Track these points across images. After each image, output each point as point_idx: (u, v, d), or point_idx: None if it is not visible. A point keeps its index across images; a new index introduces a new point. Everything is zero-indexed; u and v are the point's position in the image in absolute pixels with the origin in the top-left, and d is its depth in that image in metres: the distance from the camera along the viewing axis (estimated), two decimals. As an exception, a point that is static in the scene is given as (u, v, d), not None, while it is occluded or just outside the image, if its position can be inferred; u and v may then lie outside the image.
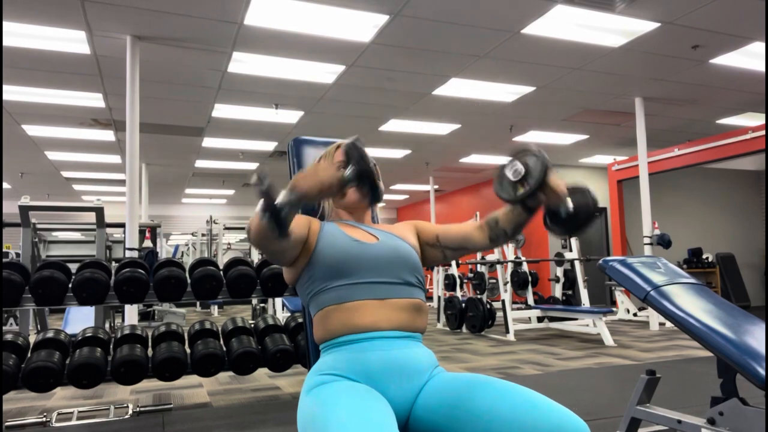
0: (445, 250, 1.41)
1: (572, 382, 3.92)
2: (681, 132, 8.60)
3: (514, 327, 6.29)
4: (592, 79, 6.22)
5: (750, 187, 10.70)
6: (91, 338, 3.17)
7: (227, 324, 3.54)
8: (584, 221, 1.20)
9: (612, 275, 2.03)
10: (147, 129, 7.15)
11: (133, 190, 5.08)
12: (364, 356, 1.16)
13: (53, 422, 2.99)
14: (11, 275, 2.88)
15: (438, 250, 1.41)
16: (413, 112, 7.28)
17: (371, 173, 1.14)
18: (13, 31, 4.65)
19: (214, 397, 3.62)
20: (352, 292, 1.21)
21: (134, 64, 5.02)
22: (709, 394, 1.77)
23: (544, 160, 1.17)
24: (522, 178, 1.17)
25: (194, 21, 4.60)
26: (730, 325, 1.69)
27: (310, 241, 1.28)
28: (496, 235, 1.37)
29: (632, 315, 7.85)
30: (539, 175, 1.15)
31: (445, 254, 1.42)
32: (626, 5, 4.51)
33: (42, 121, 7.23)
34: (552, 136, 8.77)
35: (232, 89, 6.24)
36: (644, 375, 1.95)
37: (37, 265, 3.30)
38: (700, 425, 1.73)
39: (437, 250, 1.41)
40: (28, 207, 4.44)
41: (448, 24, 4.76)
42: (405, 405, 1.16)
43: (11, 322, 7.52)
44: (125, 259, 3.42)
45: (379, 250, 1.27)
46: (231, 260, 3.34)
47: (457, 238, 1.40)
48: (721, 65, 5.87)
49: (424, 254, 1.41)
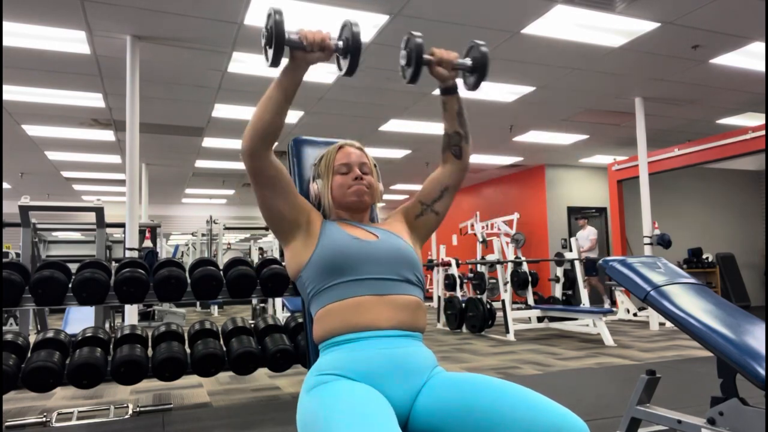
0: (434, 206, 1.42)
1: (572, 382, 3.92)
2: (681, 132, 8.60)
3: (514, 327, 6.29)
4: (592, 79, 6.22)
5: (750, 187, 10.69)
6: (91, 338, 3.17)
7: (227, 324, 3.54)
8: (484, 66, 1.34)
9: (612, 275, 2.04)
10: (147, 129, 7.15)
11: (133, 190, 5.08)
12: (364, 355, 1.16)
13: (53, 422, 2.99)
14: (11, 275, 2.88)
15: (428, 212, 1.42)
16: (413, 112, 7.27)
17: (359, 49, 1.22)
18: (13, 31, 4.65)
19: (214, 397, 3.62)
20: (352, 288, 1.22)
21: (134, 64, 5.02)
22: (709, 394, 1.77)
23: (416, 42, 1.27)
24: (409, 60, 1.30)
25: (194, 21, 4.60)
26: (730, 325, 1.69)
27: (312, 236, 1.29)
28: (455, 144, 1.42)
29: (632, 315, 7.86)
30: (417, 53, 1.27)
31: (435, 210, 1.43)
32: (626, 5, 4.51)
33: (42, 121, 7.23)
34: (552, 136, 8.77)
35: (232, 89, 6.24)
36: (644, 375, 1.95)
37: (37, 265, 3.30)
38: (700, 425, 1.73)
39: (427, 213, 1.42)
40: (28, 207, 4.44)
41: (448, 24, 4.76)
42: (405, 404, 1.16)
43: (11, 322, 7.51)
44: (125, 259, 3.42)
45: (379, 248, 1.27)
46: (231, 260, 3.34)
47: (433, 185, 1.43)
48: (721, 65, 5.87)
49: (420, 229, 1.42)
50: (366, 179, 1.37)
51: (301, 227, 1.31)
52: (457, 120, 1.42)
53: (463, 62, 1.35)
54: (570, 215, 11.09)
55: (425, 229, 1.44)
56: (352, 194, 1.36)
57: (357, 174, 1.37)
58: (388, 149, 9.29)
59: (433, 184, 1.44)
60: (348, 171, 1.37)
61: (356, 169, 1.37)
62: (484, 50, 1.33)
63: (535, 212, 11.14)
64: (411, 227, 1.42)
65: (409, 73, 1.30)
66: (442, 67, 1.33)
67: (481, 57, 1.33)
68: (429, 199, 1.43)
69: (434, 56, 1.33)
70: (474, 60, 1.35)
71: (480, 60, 1.34)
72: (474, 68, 1.35)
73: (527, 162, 10.82)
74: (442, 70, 1.34)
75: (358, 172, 1.37)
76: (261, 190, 1.27)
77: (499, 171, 11.70)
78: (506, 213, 10.57)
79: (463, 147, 1.43)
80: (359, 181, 1.36)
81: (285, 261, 1.36)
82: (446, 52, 1.34)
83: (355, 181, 1.36)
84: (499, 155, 10.13)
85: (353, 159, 1.38)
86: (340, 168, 1.38)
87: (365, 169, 1.39)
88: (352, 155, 1.39)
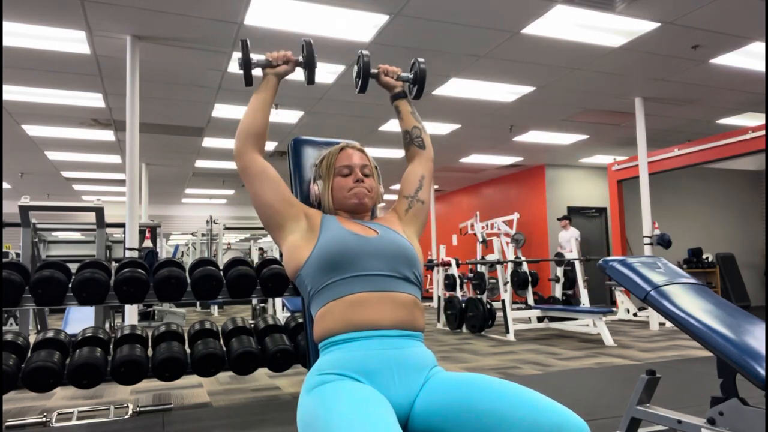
0: (418, 195, 1.49)
1: (572, 382, 3.92)
2: (681, 132, 8.60)
3: (514, 327, 6.29)
4: (592, 79, 6.22)
5: (750, 187, 10.70)
6: (91, 338, 3.17)
7: (227, 324, 3.54)
8: (422, 79, 1.57)
9: (612, 275, 2.04)
10: (147, 129, 7.15)
11: (133, 190, 5.08)
12: (364, 355, 1.16)
13: (53, 422, 2.99)
14: (11, 275, 2.88)
15: (415, 202, 1.48)
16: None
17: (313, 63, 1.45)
18: (13, 31, 4.65)
19: (214, 397, 3.62)
20: (352, 285, 1.22)
21: (134, 64, 5.02)
22: (709, 394, 1.77)
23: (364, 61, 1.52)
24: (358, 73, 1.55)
25: (194, 21, 4.60)
26: (730, 325, 1.69)
27: (313, 231, 1.30)
28: (416, 137, 1.55)
29: (632, 315, 7.86)
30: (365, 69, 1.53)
31: (420, 199, 1.49)
32: (626, 5, 4.51)
33: (42, 121, 7.23)
34: (552, 136, 8.77)
35: (232, 89, 6.24)
36: (644, 375, 1.95)
37: (37, 265, 3.30)
38: (700, 425, 1.73)
39: (414, 204, 1.47)
40: (28, 207, 4.43)
41: (448, 24, 4.76)
42: (405, 405, 1.16)
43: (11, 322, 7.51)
44: (125, 259, 3.42)
45: (378, 244, 1.28)
46: (231, 260, 3.34)
47: (411, 178, 1.51)
48: (721, 65, 5.87)
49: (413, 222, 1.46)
50: (367, 181, 1.38)
51: (297, 221, 1.33)
52: (412, 117, 1.56)
53: (406, 75, 1.58)
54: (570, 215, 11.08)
55: (417, 220, 1.46)
56: (352, 196, 1.36)
57: (358, 176, 1.37)
58: (388, 149, 9.29)
59: (410, 177, 1.51)
60: (349, 173, 1.38)
61: (357, 171, 1.38)
62: (423, 67, 1.57)
63: (535, 212, 11.14)
64: (404, 223, 1.44)
65: (358, 84, 1.54)
66: (387, 76, 1.54)
67: (420, 72, 1.56)
68: (411, 191, 1.48)
69: (380, 69, 1.54)
70: (414, 73, 1.57)
71: (420, 74, 1.56)
72: (415, 80, 1.57)
73: (527, 162, 10.82)
74: (388, 79, 1.54)
75: (359, 174, 1.37)
76: (251, 185, 1.35)
77: (499, 171, 11.70)
78: (506, 213, 10.57)
79: (424, 137, 1.56)
80: (360, 184, 1.37)
81: (283, 260, 1.36)
82: (390, 66, 1.57)
83: (356, 183, 1.37)
84: (499, 155, 10.13)
85: (354, 161, 1.39)
86: (341, 169, 1.38)
87: (366, 171, 1.40)
88: (353, 157, 1.40)
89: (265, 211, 1.34)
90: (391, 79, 1.55)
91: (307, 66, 1.45)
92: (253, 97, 1.43)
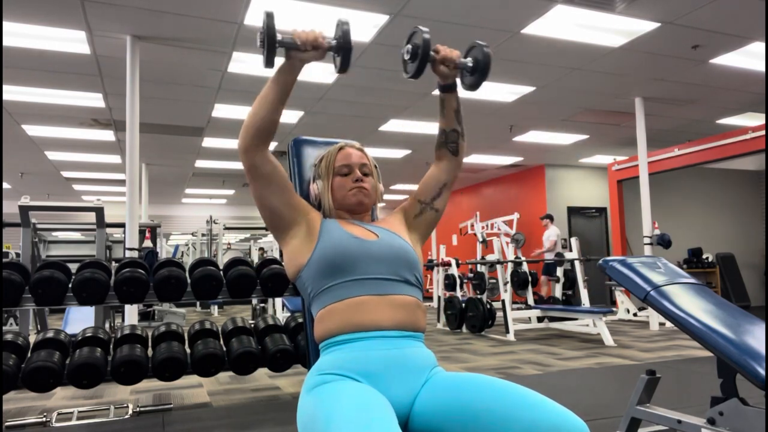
0: (433, 203, 1.42)
1: (572, 382, 3.92)
2: (681, 132, 8.60)
3: (514, 327, 6.29)
4: (592, 79, 6.22)
5: (750, 187, 10.69)
6: (91, 338, 3.17)
7: (227, 324, 3.54)
8: (486, 67, 1.33)
9: (612, 275, 2.04)
10: (147, 129, 7.15)
11: (133, 190, 5.08)
12: (365, 355, 1.16)
13: (53, 422, 2.99)
14: (11, 275, 2.88)
15: (428, 210, 1.42)
16: (413, 112, 7.27)
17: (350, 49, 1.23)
18: (13, 31, 4.65)
19: (214, 397, 3.62)
20: (353, 288, 1.22)
21: (134, 64, 5.02)
22: (709, 394, 1.77)
23: (425, 37, 1.27)
24: (414, 55, 1.29)
25: (194, 21, 4.60)
26: (730, 325, 1.69)
27: (312, 235, 1.29)
28: (452, 141, 1.43)
29: (632, 315, 7.86)
30: (424, 49, 1.27)
31: (435, 208, 1.43)
32: (626, 5, 4.51)
33: (42, 121, 7.23)
34: (552, 136, 8.77)
35: (232, 89, 6.24)
36: (644, 375, 1.95)
37: (37, 265, 3.30)
38: (700, 425, 1.73)
39: (427, 211, 1.42)
40: (28, 207, 4.43)
41: (448, 24, 4.76)
42: (405, 404, 1.16)
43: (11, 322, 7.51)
44: (125, 259, 3.43)
45: (379, 247, 1.27)
46: (231, 260, 3.34)
47: (431, 183, 1.43)
48: (721, 65, 5.87)
49: (420, 228, 1.42)
50: (366, 181, 1.37)
51: (299, 226, 1.31)
52: (454, 117, 1.43)
53: (464, 62, 1.35)
54: (570, 215, 11.09)
55: (425, 227, 1.44)
56: (352, 196, 1.36)
57: (357, 176, 1.36)
58: (388, 149, 9.29)
59: (431, 181, 1.44)
60: (349, 172, 1.37)
61: (357, 170, 1.37)
62: (487, 51, 1.33)
63: (535, 212, 11.13)
64: (410, 227, 1.42)
65: (413, 69, 1.29)
66: (444, 65, 1.33)
67: (483, 58, 1.33)
68: (428, 197, 1.43)
69: (438, 54, 1.32)
70: (475, 60, 1.35)
71: (482, 61, 1.33)
72: (474, 68, 1.35)
73: (527, 162, 10.82)
74: (444, 68, 1.34)
75: (358, 174, 1.37)
76: (257, 188, 1.28)
77: (499, 171, 11.70)
78: (506, 213, 10.57)
79: (460, 144, 1.44)
80: (359, 183, 1.36)
81: (284, 261, 1.36)
82: (450, 50, 1.34)
83: (356, 182, 1.36)
84: (499, 155, 10.13)
85: (354, 160, 1.38)
86: (340, 169, 1.38)
87: (366, 171, 1.39)
88: (352, 156, 1.39)
89: (268, 214, 1.32)
90: (448, 68, 1.35)
91: (342, 51, 1.23)
92: (270, 85, 1.23)
